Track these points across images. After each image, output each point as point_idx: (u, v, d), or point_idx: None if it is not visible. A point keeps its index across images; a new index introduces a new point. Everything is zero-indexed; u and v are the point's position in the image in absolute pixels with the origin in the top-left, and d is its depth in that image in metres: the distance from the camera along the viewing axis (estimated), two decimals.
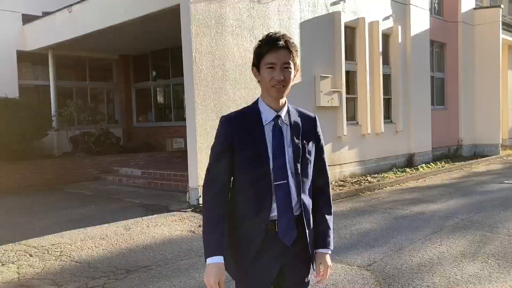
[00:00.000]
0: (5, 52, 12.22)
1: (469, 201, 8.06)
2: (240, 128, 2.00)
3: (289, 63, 1.96)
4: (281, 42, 1.95)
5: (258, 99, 2.08)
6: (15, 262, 5.09)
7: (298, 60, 2.01)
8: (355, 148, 11.10)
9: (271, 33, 2.00)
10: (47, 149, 12.19)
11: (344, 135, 10.58)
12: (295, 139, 2.03)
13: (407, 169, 11.86)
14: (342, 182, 10.04)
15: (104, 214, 7.51)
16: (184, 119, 8.47)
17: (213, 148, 2.05)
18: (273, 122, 2.01)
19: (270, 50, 1.95)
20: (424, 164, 12.64)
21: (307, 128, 2.09)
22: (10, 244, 5.81)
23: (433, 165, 12.65)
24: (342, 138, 10.61)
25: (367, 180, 10.31)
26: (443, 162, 13.24)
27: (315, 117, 2.17)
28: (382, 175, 10.94)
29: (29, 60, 13.38)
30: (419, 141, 13.17)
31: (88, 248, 5.61)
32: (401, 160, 12.64)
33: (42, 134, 11.19)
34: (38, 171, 10.74)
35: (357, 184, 9.83)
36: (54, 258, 5.24)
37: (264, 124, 2.01)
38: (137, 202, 8.43)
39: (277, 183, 1.97)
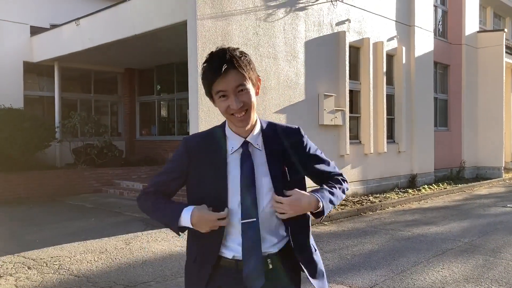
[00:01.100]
0: (12, 63, 12.34)
1: (471, 224, 8.00)
2: (199, 157, 1.79)
3: (243, 85, 1.67)
4: (225, 66, 1.63)
5: (225, 120, 1.81)
6: (13, 275, 5.05)
7: (253, 74, 1.72)
8: (358, 167, 11.08)
9: (213, 53, 1.70)
10: (49, 160, 12.20)
11: (347, 154, 10.57)
12: (272, 165, 1.76)
13: (409, 190, 11.81)
14: (343, 201, 9.98)
15: (104, 227, 7.47)
16: (187, 134, 8.48)
17: (162, 169, 1.89)
18: (241, 150, 1.76)
19: (216, 78, 1.65)
20: (426, 185, 12.59)
21: (290, 145, 1.82)
22: (9, 255, 5.78)
23: (435, 187, 12.60)
24: (345, 157, 10.60)
25: (369, 200, 10.26)
26: (445, 184, 13.18)
27: (298, 128, 1.90)
28: (384, 195, 10.89)
29: (35, 71, 13.49)
30: (421, 162, 13.14)
31: (88, 262, 5.57)
32: (404, 181, 12.59)
33: (45, 145, 11.21)
34: (40, 182, 10.73)
35: (359, 203, 9.78)
36: (52, 271, 5.19)
37: (230, 153, 1.76)
38: (137, 216, 8.39)
39: (244, 221, 1.71)
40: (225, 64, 1.64)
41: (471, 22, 15.92)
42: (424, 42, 13.36)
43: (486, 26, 18.40)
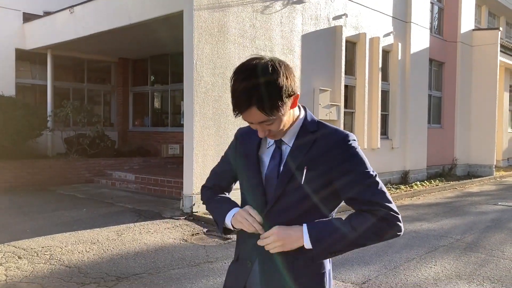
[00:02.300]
0: (4, 50, 12.15)
1: (463, 221, 8.05)
2: (241, 148, 1.77)
3: (267, 120, 1.53)
4: (246, 104, 1.48)
5: None
6: (3, 264, 4.99)
7: (285, 100, 1.52)
8: None
9: (240, 69, 1.51)
10: (41, 149, 12.07)
11: None
12: (289, 162, 1.62)
13: (402, 186, 11.86)
14: None
15: (96, 218, 7.41)
16: (180, 125, 8.44)
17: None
18: (274, 145, 1.69)
19: (237, 114, 1.54)
20: (418, 182, 12.65)
21: (319, 151, 1.60)
22: None
23: (427, 183, 12.66)
24: None
25: None
26: (437, 181, 13.25)
27: (344, 136, 1.61)
28: None
29: (27, 59, 13.31)
30: (414, 159, 13.19)
31: (79, 252, 5.51)
32: (396, 177, 12.64)
33: (37, 133, 11.08)
34: (31, 171, 10.61)
35: None
36: (43, 261, 5.14)
37: (267, 146, 1.71)
38: (130, 207, 8.33)
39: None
40: (246, 103, 1.48)
41: (467, 20, 15.95)
42: (420, 38, 13.36)
43: (481, 24, 18.45)
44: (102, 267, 4.98)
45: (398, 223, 1.58)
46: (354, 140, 1.63)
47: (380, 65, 11.80)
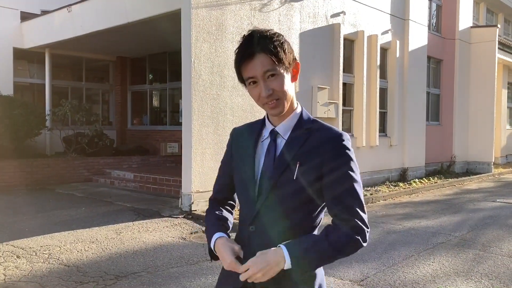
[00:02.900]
0: (2, 49, 12.14)
1: (461, 218, 8.06)
2: (237, 146, 1.77)
3: (272, 69, 1.52)
4: (250, 50, 1.52)
5: None
6: (1, 264, 4.99)
7: (286, 57, 1.55)
8: None
9: (242, 37, 1.57)
10: (39, 148, 12.07)
11: None
12: (283, 154, 1.61)
13: (400, 184, 11.87)
14: None
15: (95, 217, 7.41)
16: (179, 124, 8.43)
17: None
18: (269, 139, 1.67)
19: (243, 62, 1.54)
20: (417, 179, 12.67)
21: (312, 145, 1.59)
22: None
23: (426, 181, 12.68)
24: None
25: None
26: (435, 178, 13.27)
27: (339, 134, 1.60)
28: (376, 189, 10.94)
29: (25, 58, 13.29)
30: (412, 156, 13.21)
31: (78, 251, 5.52)
32: (395, 174, 12.66)
33: (35, 133, 11.08)
34: (29, 170, 10.61)
35: None
36: (42, 260, 5.14)
37: (261, 141, 1.69)
38: (129, 206, 8.34)
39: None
40: (250, 49, 1.52)
41: (465, 17, 15.96)
42: (418, 36, 13.36)
43: (479, 22, 18.45)
44: (101, 266, 4.99)
45: (366, 236, 1.59)
46: (348, 140, 1.61)
47: (378, 63, 11.81)
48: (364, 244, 1.57)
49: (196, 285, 4.48)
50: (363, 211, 1.59)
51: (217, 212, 1.84)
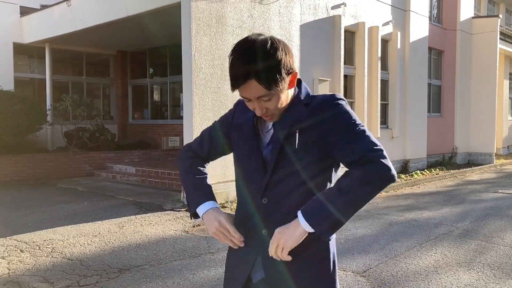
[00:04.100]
0: (2, 44, 12.12)
1: (463, 209, 8.07)
2: (239, 118, 1.75)
3: (266, 95, 1.51)
4: (245, 75, 1.47)
5: None
6: (5, 258, 5.01)
7: (284, 75, 1.51)
8: None
9: (238, 48, 1.52)
10: (41, 143, 12.09)
11: None
12: (278, 132, 1.61)
13: (402, 175, 11.87)
14: None
15: (97, 210, 7.43)
16: (180, 118, 8.43)
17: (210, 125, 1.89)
18: (272, 130, 1.68)
19: (235, 87, 1.53)
20: (418, 171, 12.67)
21: (311, 113, 1.60)
22: (1, 239, 5.73)
23: (428, 172, 12.68)
24: None
25: None
26: (437, 169, 13.27)
27: (331, 96, 1.62)
28: None
29: (25, 53, 13.27)
30: (414, 148, 13.19)
31: (81, 245, 5.54)
32: (396, 166, 12.65)
33: (37, 128, 11.09)
34: (31, 165, 10.63)
35: None
36: (45, 254, 5.16)
37: (266, 131, 1.69)
38: (131, 199, 8.36)
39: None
40: (241, 78, 1.48)
41: (466, 8, 15.87)
42: (419, 27, 13.29)
43: (481, 12, 18.34)
44: (104, 260, 5.01)
45: (384, 160, 1.51)
46: (342, 99, 1.62)
47: (379, 55, 11.76)
48: (387, 161, 1.52)
49: (199, 278, 4.50)
50: (375, 144, 1.54)
51: (204, 174, 1.84)
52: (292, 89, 1.64)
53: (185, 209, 7.49)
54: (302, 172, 1.60)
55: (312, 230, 1.52)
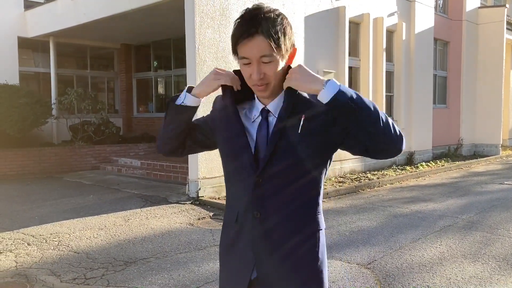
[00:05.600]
0: (6, 38, 12.12)
1: (468, 201, 8.04)
2: (222, 114, 1.73)
3: (269, 55, 1.49)
4: (253, 29, 1.46)
5: None
6: (13, 251, 5.06)
7: (285, 43, 1.51)
8: None
9: (247, 10, 1.51)
10: (46, 137, 12.14)
11: None
12: (281, 117, 1.56)
13: (407, 167, 11.84)
14: (341, 179, 10.01)
15: (103, 204, 7.48)
16: None
17: None
18: (260, 118, 1.63)
19: (240, 41, 1.50)
20: (424, 163, 12.62)
21: (307, 99, 1.58)
22: (8, 232, 5.78)
23: (433, 164, 12.63)
24: None
25: (367, 177, 10.28)
26: (443, 161, 13.22)
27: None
28: (382, 173, 10.92)
29: (30, 47, 13.29)
30: (420, 139, 13.14)
31: (87, 238, 5.58)
32: (402, 158, 12.61)
33: (42, 122, 11.12)
34: (37, 159, 10.69)
35: (357, 180, 9.80)
36: (52, 247, 5.20)
37: (252, 120, 1.65)
38: (136, 193, 8.39)
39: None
40: (253, 29, 1.47)
41: None
42: (425, 17, 13.18)
43: (487, 2, 18.13)
44: (110, 252, 5.04)
45: (398, 129, 1.50)
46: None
47: (385, 46, 11.68)
48: (400, 137, 1.49)
49: (204, 270, 4.52)
50: (388, 121, 1.49)
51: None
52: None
53: (190, 202, 7.52)
54: (296, 168, 1.56)
55: (325, 93, 1.48)
